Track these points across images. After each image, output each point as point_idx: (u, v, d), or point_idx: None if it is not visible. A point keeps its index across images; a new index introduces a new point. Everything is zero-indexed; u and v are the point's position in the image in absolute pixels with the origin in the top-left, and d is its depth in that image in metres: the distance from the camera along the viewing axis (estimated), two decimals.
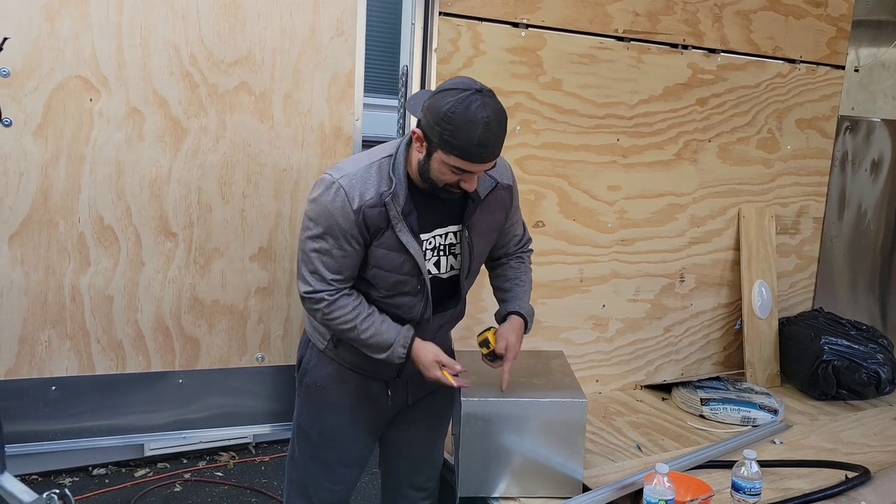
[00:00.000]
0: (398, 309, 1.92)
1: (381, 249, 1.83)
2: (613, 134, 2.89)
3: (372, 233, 1.81)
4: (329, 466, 2.07)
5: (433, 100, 1.72)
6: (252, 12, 2.22)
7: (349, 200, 1.77)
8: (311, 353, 2.04)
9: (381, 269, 1.86)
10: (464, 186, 1.78)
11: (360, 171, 1.81)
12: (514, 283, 2.13)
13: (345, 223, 1.78)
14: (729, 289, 3.28)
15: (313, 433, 2.06)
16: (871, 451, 2.55)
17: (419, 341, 1.92)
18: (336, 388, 2.01)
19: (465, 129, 1.66)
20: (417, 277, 1.88)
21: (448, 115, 1.67)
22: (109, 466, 3.36)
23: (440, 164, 1.74)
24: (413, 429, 2.14)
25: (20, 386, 2.15)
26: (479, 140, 1.68)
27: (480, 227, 1.94)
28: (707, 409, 2.83)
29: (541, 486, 2.13)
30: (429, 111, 1.72)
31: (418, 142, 1.77)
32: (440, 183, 1.78)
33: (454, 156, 1.70)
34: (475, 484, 2.11)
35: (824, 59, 3.33)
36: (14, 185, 2.06)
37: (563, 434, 2.09)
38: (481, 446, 2.08)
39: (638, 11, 2.84)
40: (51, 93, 2.05)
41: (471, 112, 1.66)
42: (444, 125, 1.68)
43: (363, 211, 1.78)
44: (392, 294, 1.90)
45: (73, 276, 2.15)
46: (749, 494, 2.05)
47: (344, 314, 1.85)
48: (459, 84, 1.72)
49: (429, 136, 1.73)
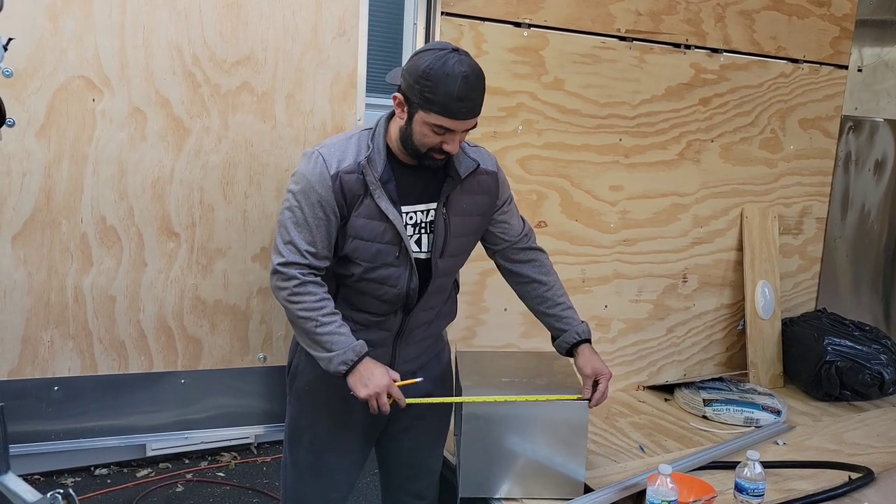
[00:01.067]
0: (383, 283, 1.88)
1: (361, 219, 1.82)
2: (616, 134, 2.88)
3: (349, 201, 1.81)
4: (322, 473, 2.04)
5: (411, 61, 1.75)
6: (254, 12, 2.22)
7: (327, 167, 1.79)
8: (299, 356, 2.01)
9: (362, 240, 1.84)
10: (446, 149, 1.78)
11: (339, 142, 1.86)
12: (556, 305, 2.11)
13: (321, 189, 1.79)
14: (732, 289, 3.27)
15: (305, 438, 2.04)
16: (874, 452, 2.54)
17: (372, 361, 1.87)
18: (326, 390, 1.97)
19: (445, 83, 1.69)
20: (398, 246, 1.86)
21: (426, 72, 1.70)
22: (111, 466, 3.36)
23: (422, 125, 1.75)
24: (409, 437, 2.11)
25: (23, 386, 2.15)
26: (459, 94, 1.70)
27: (459, 206, 1.92)
28: (710, 410, 2.83)
29: (542, 487, 2.12)
30: (407, 72, 1.75)
31: (399, 107, 1.79)
32: (423, 147, 1.79)
33: (434, 112, 1.72)
34: (476, 484, 2.11)
35: (827, 59, 3.33)
36: (17, 186, 2.06)
37: (564, 435, 2.09)
38: (482, 446, 2.08)
39: (640, 11, 2.84)
40: (54, 93, 2.05)
41: (448, 67, 1.69)
42: (423, 82, 1.70)
43: (340, 177, 1.79)
44: (375, 266, 1.87)
45: (76, 276, 2.16)
46: (752, 495, 2.04)
47: (309, 301, 1.82)
48: (435, 45, 1.77)
49: (409, 98, 1.75)
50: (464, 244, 2.00)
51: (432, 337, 2.08)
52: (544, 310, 2.13)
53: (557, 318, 2.11)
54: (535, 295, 2.13)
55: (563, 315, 2.11)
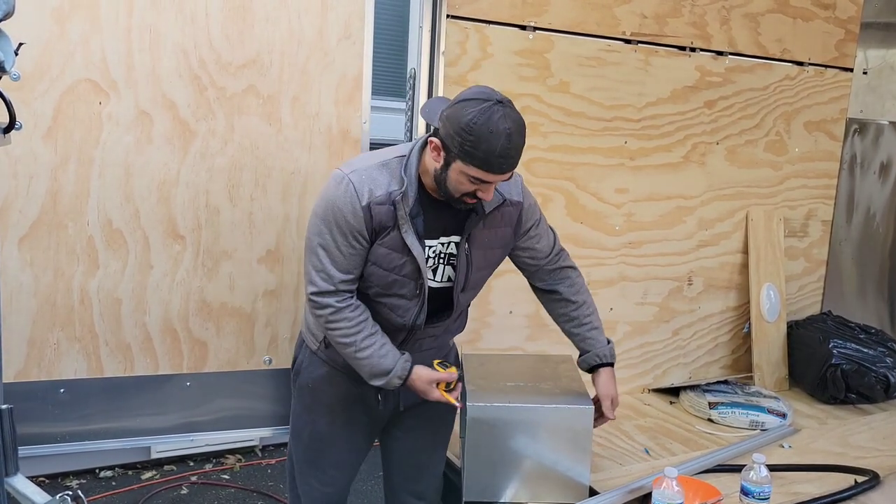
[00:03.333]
0: (391, 311, 1.89)
1: (384, 248, 1.81)
2: (621, 136, 2.88)
3: (378, 231, 1.80)
4: (319, 468, 2.06)
5: (453, 109, 1.70)
6: (260, 15, 2.23)
7: (358, 196, 1.76)
8: (304, 354, 2.03)
9: (380, 268, 1.83)
10: (480, 196, 1.76)
11: (370, 168, 1.80)
12: (581, 325, 2.13)
13: (352, 219, 1.76)
14: (737, 292, 3.26)
15: (305, 434, 2.06)
16: (880, 455, 2.53)
17: (415, 370, 1.89)
18: (327, 389, 2.00)
19: (487, 140, 1.65)
20: (416, 282, 1.85)
21: (470, 126, 1.65)
22: (116, 469, 3.36)
23: (458, 173, 1.72)
24: (411, 436, 2.11)
25: (29, 388, 2.16)
26: (501, 151, 1.67)
27: (482, 241, 1.91)
28: (715, 413, 2.82)
29: (547, 491, 2.12)
30: (448, 121, 1.70)
31: (435, 151, 1.75)
32: (457, 193, 1.76)
33: (474, 166, 1.69)
34: (481, 488, 2.11)
35: (832, 62, 3.32)
36: (24, 188, 2.07)
37: (569, 440, 2.08)
38: (487, 450, 2.07)
39: (645, 14, 2.84)
40: (60, 96, 2.06)
41: (493, 123, 1.65)
42: (465, 136, 1.66)
43: (371, 207, 1.76)
44: (385, 294, 1.87)
45: (82, 278, 2.16)
46: (758, 499, 2.04)
47: (347, 327, 1.82)
48: (480, 94, 1.70)
49: (448, 146, 1.71)
50: (484, 276, 2.00)
51: (437, 347, 2.06)
52: (570, 329, 2.15)
53: (583, 339, 2.13)
54: (562, 313, 2.15)
55: (587, 336, 2.13)
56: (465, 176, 1.71)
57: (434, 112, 1.80)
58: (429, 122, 1.84)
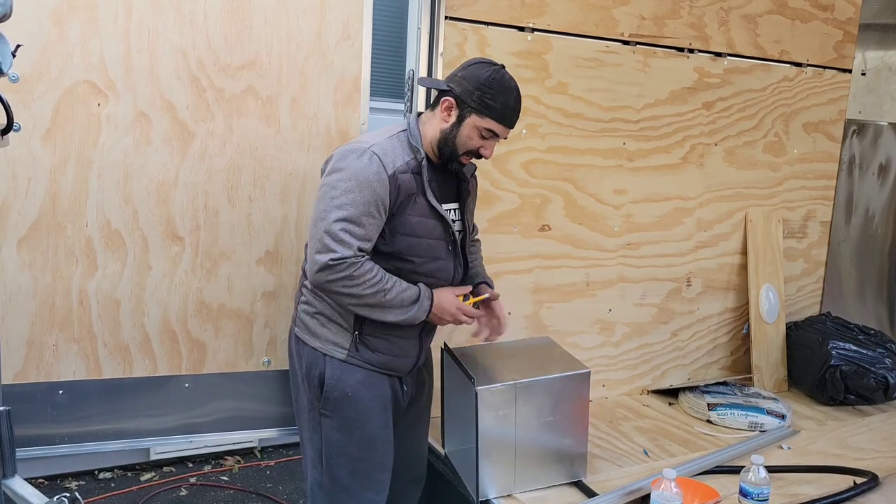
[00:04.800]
0: (433, 276, 2.00)
1: (415, 217, 1.93)
2: (620, 138, 2.88)
3: (402, 200, 1.89)
4: (370, 477, 2.03)
5: (468, 70, 1.93)
6: (259, 16, 2.23)
7: (384, 167, 1.86)
8: (332, 367, 1.98)
9: (416, 237, 1.94)
10: (483, 153, 1.97)
11: (385, 142, 1.93)
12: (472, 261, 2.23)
13: (380, 189, 1.85)
14: (736, 293, 3.27)
15: (352, 446, 2.00)
16: (879, 457, 2.54)
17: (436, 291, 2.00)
18: (367, 393, 1.99)
19: (504, 93, 1.92)
20: (447, 240, 2.00)
21: (490, 81, 1.90)
22: (115, 470, 3.36)
23: (471, 128, 1.93)
24: (412, 427, 2.21)
25: (28, 390, 2.16)
26: (514, 105, 1.95)
27: (468, 206, 2.12)
28: (714, 414, 2.82)
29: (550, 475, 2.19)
30: (465, 80, 1.92)
31: (447, 111, 1.93)
32: (462, 149, 1.95)
33: (490, 118, 1.92)
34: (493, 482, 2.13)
35: (831, 63, 3.33)
36: (23, 190, 2.07)
37: (571, 408, 2.15)
38: (498, 440, 2.09)
39: (644, 15, 2.84)
40: (59, 97, 2.06)
41: (506, 80, 1.93)
42: (485, 89, 1.90)
43: (397, 177, 1.87)
44: (427, 260, 1.98)
45: (81, 279, 2.16)
46: (757, 500, 2.04)
47: (370, 277, 1.86)
48: (486, 60, 1.97)
49: (465, 102, 1.91)
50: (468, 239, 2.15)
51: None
52: None
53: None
54: None
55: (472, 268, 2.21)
56: (476, 130, 1.93)
57: (437, 81, 2.03)
58: (431, 87, 2.03)
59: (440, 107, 1.94)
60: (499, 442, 2.09)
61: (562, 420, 2.15)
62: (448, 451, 2.38)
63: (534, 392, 2.09)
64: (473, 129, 1.93)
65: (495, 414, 2.06)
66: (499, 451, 2.10)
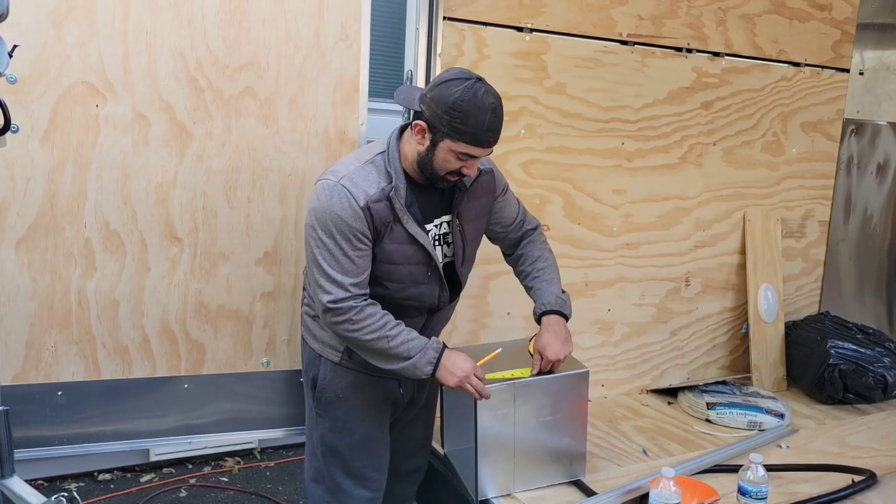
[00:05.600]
0: (415, 300, 1.95)
1: (392, 245, 1.86)
2: (618, 138, 2.89)
3: (379, 228, 1.83)
4: (362, 477, 2.05)
5: (437, 91, 1.77)
6: (257, 17, 2.23)
7: (355, 199, 1.79)
8: (325, 369, 2.01)
9: (394, 264, 1.88)
10: (466, 172, 1.84)
11: (357, 170, 1.85)
12: (534, 278, 2.15)
13: (355, 222, 1.79)
14: (735, 292, 3.27)
15: (343, 447, 2.03)
16: (878, 455, 2.54)
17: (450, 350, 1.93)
18: (358, 396, 2.01)
19: (475, 115, 1.74)
20: (428, 265, 1.92)
21: (458, 104, 1.74)
22: (115, 472, 3.36)
23: (446, 152, 1.79)
24: (413, 425, 2.22)
25: (27, 391, 2.16)
26: (489, 125, 1.77)
27: (469, 214, 1.99)
28: (713, 414, 2.83)
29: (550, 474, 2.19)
30: (434, 102, 1.77)
31: (420, 134, 1.81)
32: (442, 171, 1.83)
33: (463, 142, 1.77)
34: (493, 482, 2.13)
35: (829, 63, 3.33)
36: (21, 191, 2.07)
37: (570, 408, 2.14)
38: (497, 439, 2.09)
39: (642, 15, 2.84)
40: (57, 98, 2.06)
41: (478, 99, 1.74)
42: (453, 114, 1.74)
43: (370, 207, 1.80)
44: (408, 285, 1.92)
45: (80, 280, 2.16)
46: (755, 498, 2.05)
47: (372, 322, 1.83)
48: (459, 74, 1.79)
49: (435, 126, 1.78)
50: (475, 248, 2.08)
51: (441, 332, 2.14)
52: (525, 284, 2.20)
53: (534, 291, 2.16)
54: (519, 271, 2.22)
55: (538, 288, 2.13)
56: (452, 154, 1.79)
57: (412, 97, 1.87)
58: (408, 107, 1.90)
59: (413, 129, 1.83)
60: (498, 441, 2.09)
61: (561, 419, 2.15)
62: (447, 450, 2.38)
63: (533, 391, 2.09)
64: (449, 152, 1.79)
65: (494, 413, 2.06)
66: (498, 450, 2.10)
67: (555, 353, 2.04)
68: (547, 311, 2.09)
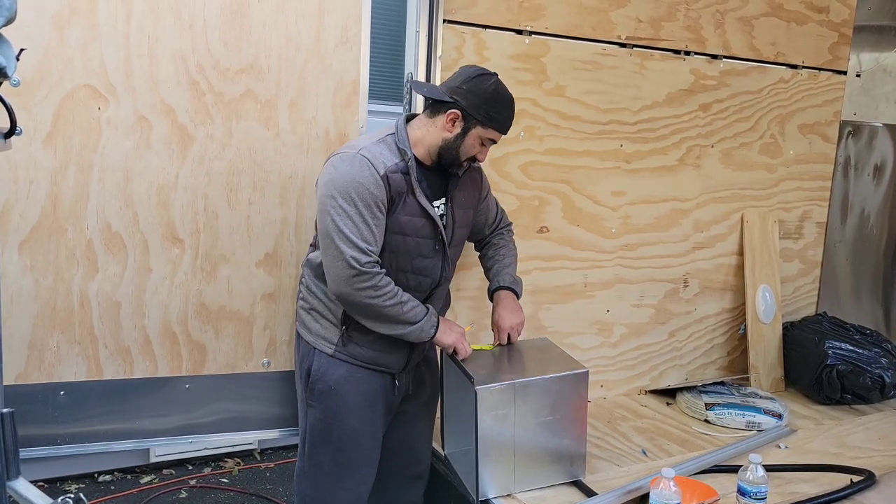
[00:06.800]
0: (419, 273, 2.05)
1: (405, 216, 1.97)
2: (617, 140, 2.90)
3: (394, 198, 1.94)
4: (351, 468, 2.09)
5: (473, 83, 1.97)
6: (258, 21, 2.24)
7: (375, 168, 1.91)
8: (318, 360, 2.07)
9: (404, 235, 1.98)
10: (480, 158, 2.05)
11: (373, 145, 1.98)
12: (495, 261, 2.33)
13: (376, 189, 1.90)
14: (733, 293, 3.28)
15: (333, 437, 2.07)
16: (875, 455, 2.55)
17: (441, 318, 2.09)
18: (350, 388, 2.05)
19: (506, 105, 2.00)
20: (435, 239, 2.04)
21: (496, 95, 1.97)
22: (115, 473, 3.37)
23: (475, 138, 1.99)
24: (411, 423, 2.25)
25: (29, 391, 2.16)
26: (511, 113, 2.03)
27: (459, 200, 2.13)
28: (712, 414, 2.84)
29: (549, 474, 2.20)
30: (472, 94, 1.96)
31: (451, 122, 1.97)
32: (465, 157, 2.01)
33: (494, 129, 2.00)
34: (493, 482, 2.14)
35: (826, 65, 3.35)
36: (24, 193, 2.08)
37: (569, 408, 2.16)
38: (497, 440, 2.10)
39: (641, 18, 2.86)
40: (60, 101, 2.07)
41: (506, 91, 2.01)
42: (491, 103, 1.96)
43: (388, 176, 1.92)
44: (414, 256, 2.02)
45: (82, 282, 2.17)
46: (755, 499, 2.05)
47: (390, 289, 1.94)
48: (483, 70, 2.01)
49: (471, 115, 1.96)
50: (463, 234, 2.19)
51: (442, 305, 2.22)
52: (486, 268, 2.37)
53: (489, 271, 2.34)
54: (481, 256, 2.40)
55: (491, 268, 2.33)
56: (479, 140, 2.00)
57: (433, 88, 2.09)
58: (430, 97, 2.03)
59: (444, 118, 1.98)
60: (498, 442, 2.11)
61: (561, 420, 2.16)
62: (448, 451, 2.39)
63: (533, 392, 2.11)
64: (477, 138, 1.99)
65: (494, 414, 2.08)
66: (498, 450, 2.11)
67: (508, 323, 2.22)
68: (499, 287, 2.27)
